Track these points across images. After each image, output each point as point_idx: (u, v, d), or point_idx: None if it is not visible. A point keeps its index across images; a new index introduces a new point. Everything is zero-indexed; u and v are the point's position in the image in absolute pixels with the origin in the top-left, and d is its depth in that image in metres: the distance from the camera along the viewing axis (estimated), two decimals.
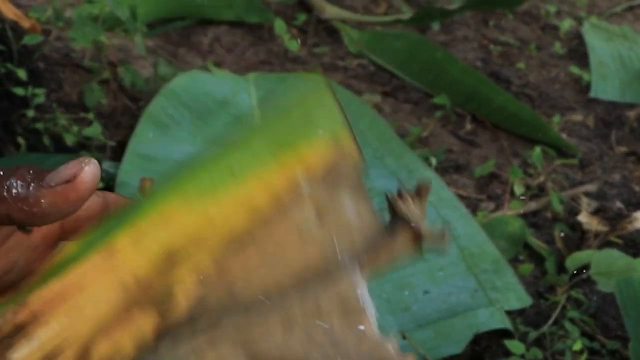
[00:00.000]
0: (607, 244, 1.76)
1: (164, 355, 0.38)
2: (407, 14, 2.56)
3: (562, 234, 1.78)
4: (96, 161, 0.42)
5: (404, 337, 1.43)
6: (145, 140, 1.83)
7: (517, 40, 2.73)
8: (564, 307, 1.60)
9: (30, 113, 1.81)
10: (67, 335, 0.37)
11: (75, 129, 1.83)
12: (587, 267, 1.64)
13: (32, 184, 0.41)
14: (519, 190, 1.88)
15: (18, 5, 2.27)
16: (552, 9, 2.91)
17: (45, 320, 0.37)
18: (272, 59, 2.39)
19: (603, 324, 1.60)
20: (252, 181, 0.40)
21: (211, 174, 0.41)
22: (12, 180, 0.41)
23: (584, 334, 1.55)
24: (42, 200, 0.41)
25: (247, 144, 0.42)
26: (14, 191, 0.41)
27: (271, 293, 0.40)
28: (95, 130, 1.83)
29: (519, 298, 1.56)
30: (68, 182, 0.41)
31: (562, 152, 2.12)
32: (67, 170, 0.42)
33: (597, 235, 1.76)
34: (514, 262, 1.73)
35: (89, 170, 0.42)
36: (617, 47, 2.67)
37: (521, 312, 1.59)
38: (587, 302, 1.62)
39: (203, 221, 0.39)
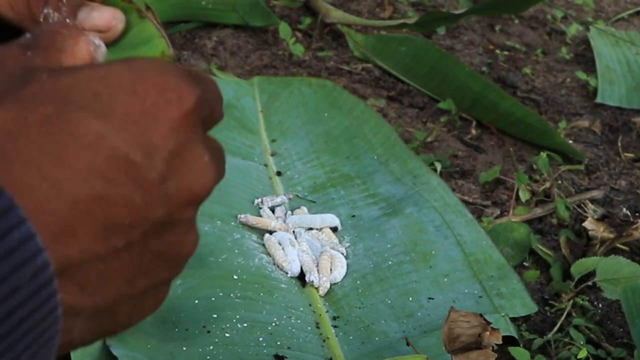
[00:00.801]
0: (613, 251, 1.75)
1: None
2: (412, 18, 2.55)
3: (568, 240, 1.76)
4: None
5: (408, 344, 1.41)
6: None
7: (523, 45, 2.72)
8: (569, 314, 1.58)
9: None
10: None
11: None
12: (592, 273, 1.63)
13: (68, 19, 0.48)
14: (524, 196, 1.86)
15: None
16: (559, 13, 2.90)
17: None
18: (276, 63, 2.38)
19: (609, 331, 1.58)
20: None
21: None
22: (50, 10, 0.47)
23: (589, 341, 1.54)
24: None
25: None
26: (50, 20, 0.48)
27: None
28: None
29: (524, 304, 1.55)
30: (100, 31, 0.49)
31: (568, 157, 2.11)
32: (101, 18, 0.49)
33: (602, 241, 1.75)
34: (519, 268, 1.72)
35: (119, 27, 0.49)
36: (624, 52, 2.66)
37: (526, 319, 1.57)
38: (593, 309, 1.61)
39: None
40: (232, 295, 1.46)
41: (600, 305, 1.64)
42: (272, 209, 1.74)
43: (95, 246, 0.39)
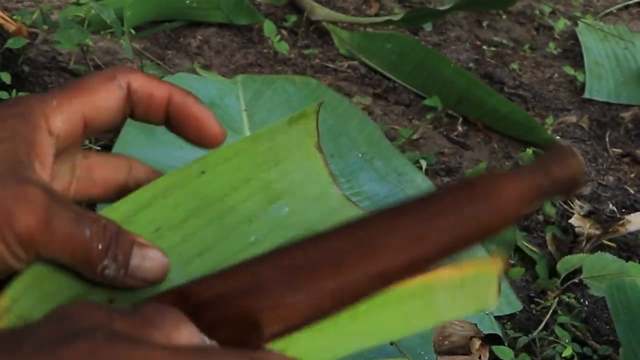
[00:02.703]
0: (599, 247, 1.73)
1: None
2: (398, 14, 2.53)
3: (554, 237, 1.75)
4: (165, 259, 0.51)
5: (391, 343, 1.40)
6: (129, 144, 1.81)
7: (511, 41, 2.71)
8: (555, 312, 1.57)
9: None
10: None
11: None
12: (579, 270, 1.61)
13: (122, 271, 0.49)
14: None
15: (4, 8, 2.25)
16: (547, 8, 2.88)
17: None
18: (262, 61, 2.36)
19: (595, 329, 1.57)
20: None
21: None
22: (109, 261, 0.48)
23: (575, 339, 1.52)
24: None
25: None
26: (106, 271, 0.48)
27: None
28: None
29: (509, 302, 1.54)
30: (146, 282, 0.50)
31: None
32: (151, 271, 0.49)
33: (589, 238, 1.73)
34: (505, 265, 1.70)
35: (162, 278, 0.50)
36: (612, 47, 2.64)
37: (511, 317, 1.56)
38: (579, 307, 1.60)
39: None
40: None
41: (586, 303, 1.62)
42: None
43: None
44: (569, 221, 1.76)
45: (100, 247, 0.48)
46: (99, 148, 1.83)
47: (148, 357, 0.38)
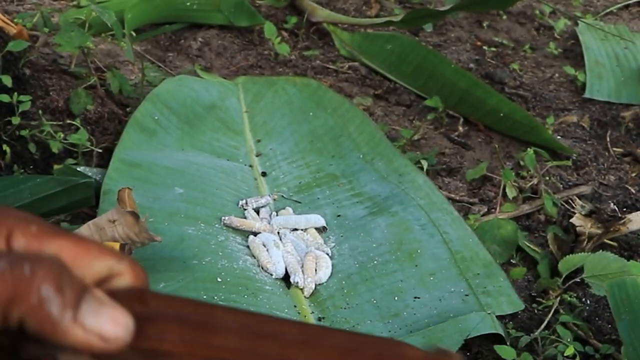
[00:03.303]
0: (600, 246, 1.73)
1: None
2: (398, 15, 2.53)
3: (555, 236, 1.75)
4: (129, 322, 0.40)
5: None
6: (130, 146, 1.81)
7: (511, 41, 2.71)
8: (557, 311, 1.57)
9: (16, 120, 1.79)
10: None
11: (61, 135, 1.80)
12: (580, 270, 1.61)
13: (69, 310, 0.38)
14: (511, 192, 1.85)
15: (5, 12, 2.25)
16: (547, 8, 2.89)
17: None
18: (262, 63, 2.37)
19: (597, 328, 1.57)
20: None
21: None
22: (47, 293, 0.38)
23: (576, 338, 1.52)
24: None
25: None
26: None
27: None
28: (81, 137, 1.81)
29: (511, 302, 1.53)
30: (102, 339, 0.39)
31: (556, 153, 2.09)
32: (111, 322, 0.39)
33: (590, 237, 1.73)
34: (506, 265, 1.70)
35: (124, 339, 0.40)
36: (613, 47, 2.64)
37: (513, 316, 1.56)
38: (581, 306, 1.60)
39: None
40: (215, 298, 1.45)
41: (588, 302, 1.62)
42: (257, 210, 1.72)
43: None
44: (571, 221, 1.76)
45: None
46: (100, 150, 1.83)
47: None
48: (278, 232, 1.66)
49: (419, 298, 1.52)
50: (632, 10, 3.07)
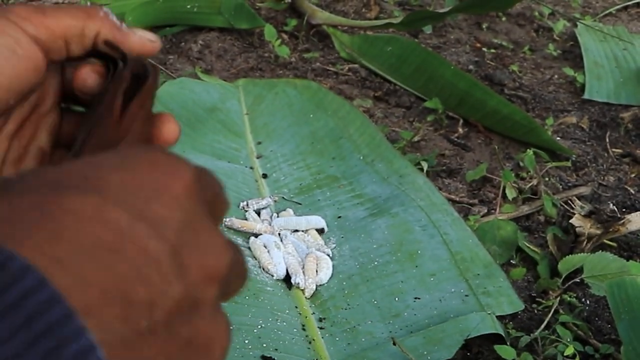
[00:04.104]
0: (600, 247, 1.74)
1: None
2: (398, 17, 2.54)
3: (555, 237, 1.76)
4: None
5: (394, 343, 1.41)
6: None
7: (511, 42, 2.72)
8: (557, 311, 1.58)
9: None
10: None
11: None
12: (580, 270, 1.62)
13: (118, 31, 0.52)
14: (511, 193, 1.86)
15: None
16: (546, 10, 2.89)
17: None
18: (263, 65, 2.37)
19: (596, 328, 1.57)
20: None
21: None
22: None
23: (576, 338, 1.53)
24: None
25: None
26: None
27: None
28: None
29: (511, 302, 1.54)
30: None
31: (555, 154, 2.10)
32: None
33: (590, 238, 1.74)
34: (506, 266, 1.71)
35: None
36: (612, 48, 2.65)
37: (513, 317, 1.57)
38: (580, 306, 1.60)
39: None
40: None
41: (587, 302, 1.63)
42: (258, 212, 1.73)
43: (116, 326, 0.35)
44: (570, 221, 1.77)
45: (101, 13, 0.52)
46: None
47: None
48: (279, 234, 1.67)
49: (419, 298, 1.53)
50: (631, 12, 3.08)
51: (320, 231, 1.70)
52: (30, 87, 0.51)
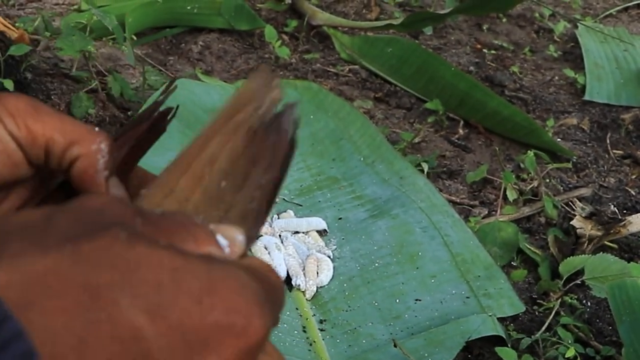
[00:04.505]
0: (601, 248, 1.74)
1: None
2: (399, 18, 2.54)
3: (556, 239, 1.76)
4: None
5: (395, 345, 1.40)
6: None
7: (511, 44, 2.72)
8: (558, 313, 1.57)
9: None
10: None
11: None
12: (581, 272, 1.62)
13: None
14: (511, 195, 1.85)
15: (7, 16, 2.26)
16: (546, 11, 2.89)
17: None
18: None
19: (597, 330, 1.57)
20: None
21: None
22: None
23: (577, 340, 1.53)
24: None
25: None
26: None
27: None
28: None
29: (512, 304, 1.54)
30: None
31: (556, 156, 2.10)
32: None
33: (591, 239, 1.74)
34: (507, 267, 1.71)
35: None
36: (612, 49, 2.65)
37: (514, 319, 1.56)
38: (582, 308, 1.60)
39: None
40: None
41: (589, 304, 1.63)
42: None
43: None
44: (571, 223, 1.77)
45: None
46: None
47: (163, 261, 0.37)
48: (279, 235, 1.66)
49: (420, 300, 1.53)
50: (631, 13, 3.07)
51: (323, 232, 1.70)
52: (12, 179, 0.48)
